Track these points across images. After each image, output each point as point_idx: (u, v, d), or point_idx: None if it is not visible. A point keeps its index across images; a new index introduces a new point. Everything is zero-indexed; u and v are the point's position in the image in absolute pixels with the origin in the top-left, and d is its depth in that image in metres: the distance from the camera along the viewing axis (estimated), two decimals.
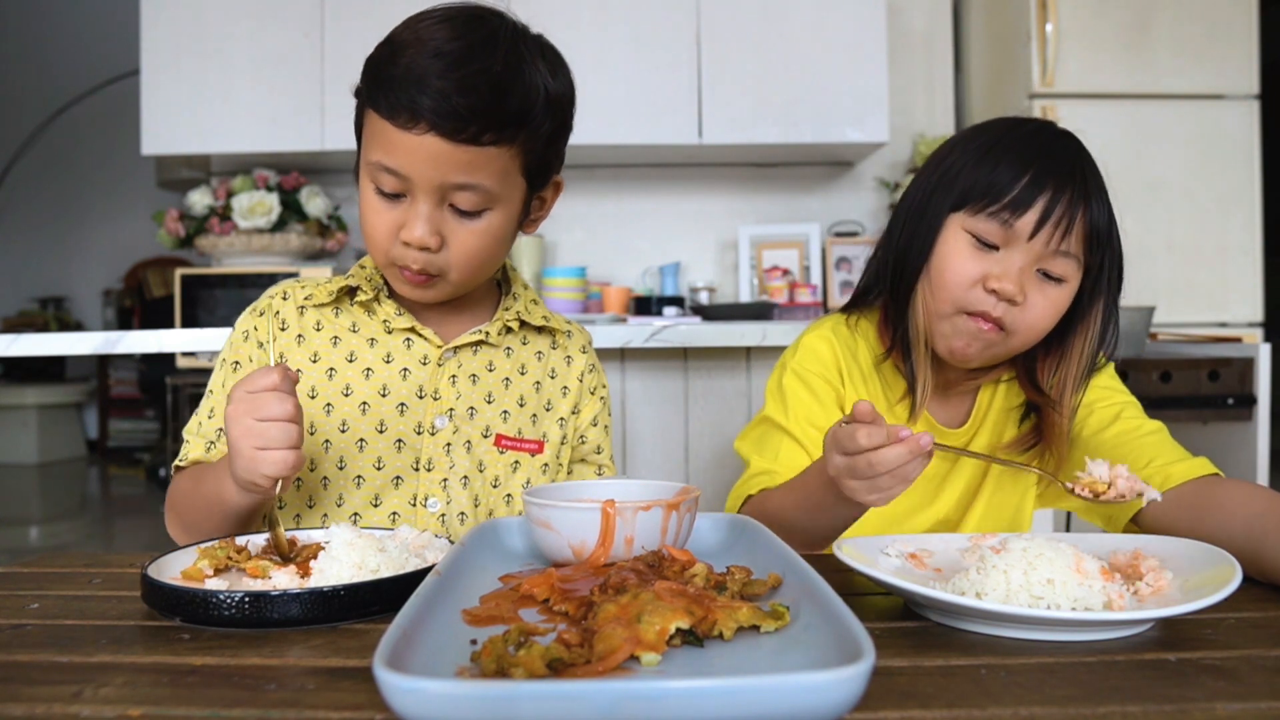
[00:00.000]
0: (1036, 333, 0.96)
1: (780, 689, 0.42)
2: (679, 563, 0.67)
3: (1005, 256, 0.94)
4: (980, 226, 0.95)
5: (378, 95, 0.88)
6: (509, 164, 0.91)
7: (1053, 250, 0.93)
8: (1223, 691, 0.50)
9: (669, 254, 3.04)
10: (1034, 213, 0.92)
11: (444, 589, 0.60)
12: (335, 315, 1.02)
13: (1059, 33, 2.74)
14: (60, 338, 2.08)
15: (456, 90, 0.85)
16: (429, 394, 1.00)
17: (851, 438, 0.76)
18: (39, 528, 4.34)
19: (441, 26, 0.89)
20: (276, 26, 2.70)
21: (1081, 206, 0.93)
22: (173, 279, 2.86)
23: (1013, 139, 0.96)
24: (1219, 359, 2.03)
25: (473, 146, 0.87)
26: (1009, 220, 0.93)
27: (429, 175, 0.88)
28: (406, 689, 0.41)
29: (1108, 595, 0.61)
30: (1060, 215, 0.92)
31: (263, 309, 1.03)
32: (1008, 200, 0.93)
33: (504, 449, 1.02)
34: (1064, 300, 0.96)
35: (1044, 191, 0.92)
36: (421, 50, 0.87)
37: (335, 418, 0.98)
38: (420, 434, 0.99)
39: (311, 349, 1.01)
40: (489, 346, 1.04)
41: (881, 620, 0.64)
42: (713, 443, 2.31)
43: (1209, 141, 2.78)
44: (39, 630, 0.63)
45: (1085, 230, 0.93)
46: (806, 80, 2.73)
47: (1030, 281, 0.94)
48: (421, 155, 0.87)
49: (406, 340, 1.01)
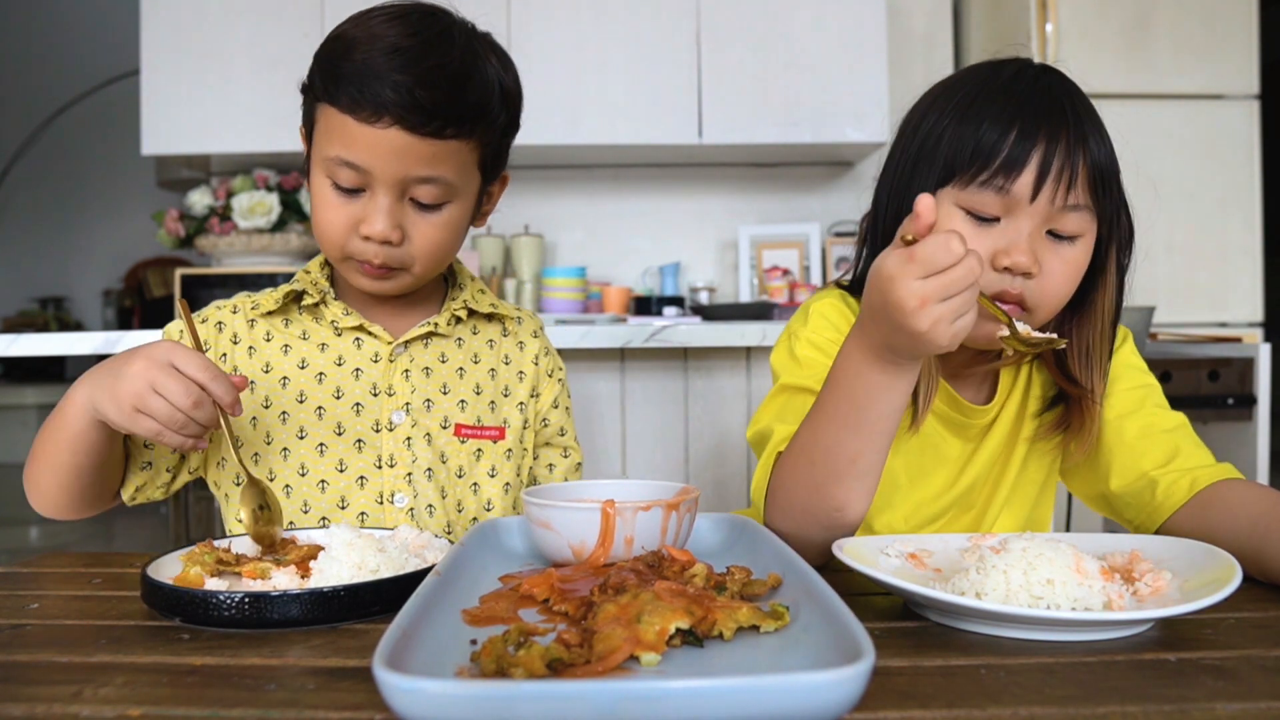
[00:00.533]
0: (1059, 301, 0.87)
1: (780, 689, 0.42)
2: (679, 563, 0.67)
3: (1009, 226, 0.84)
4: (975, 200, 0.85)
5: (335, 90, 0.88)
6: (468, 157, 0.93)
7: (1059, 207, 0.83)
8: (1223, 691, 0.50)
9: (669, 254, 3.03)
10: (1030, 171, 0.82)
11: (444, 589, 0.60)
12: (285, 325, 1.03)
13: (1059, 33, 2.74)
14: (60, 338, 2.08)
15: (418, 84, 0.86)
16: (383, 390, 1.00)
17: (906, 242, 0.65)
18: (39, 528, 4.34)
19: (394, 23, 0.90)
20: (276, 26, 2.70)
21: (1081, 151, 0.83)
22: (173, 279, 2.86)
23: (992, 89, 0.86)
24: (1219, 359, 2.03)
25: (436, 140, 0.89)
26: (1005, 186, 0.83)
27: (392, 168, 0.89)
28: (406, 689, 0.41)
29: (1108, 595, 0.61)
30: (1060, 166, 0.82)
31: (207, 318, 1.03)
32: (999, 163, 0.83)
33: (465, 438, 1.02)
34: (1082, 260, 0.87)
35: (1036, 144, 0.82)
36: (376, 46, 0.88)
37: (292, 425, 0.99)
38: (379, 431, 1.00)
39: (263, 360, 1.01)
40: (439, 338, 1.05)
41: (881, 620, 0.64)
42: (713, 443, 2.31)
43: (1209, 141, 2.78)
44: (39, 630, 0.63)
45: (1089, 175, 0.84)
46: (806, 80, 2.73)
47: (1042, 246, 0.84)
48: (384, 148, 0.88)
49: (356, 340, 1.02)
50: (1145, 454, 0.90)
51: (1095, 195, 0.85)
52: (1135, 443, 0.92)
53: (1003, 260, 0.84)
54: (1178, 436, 0.92)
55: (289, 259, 2.87)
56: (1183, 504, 0.85)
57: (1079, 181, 0.83)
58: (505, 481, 1.04)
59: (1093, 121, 0.86)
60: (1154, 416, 0.93)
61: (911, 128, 0.93)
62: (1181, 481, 0.86)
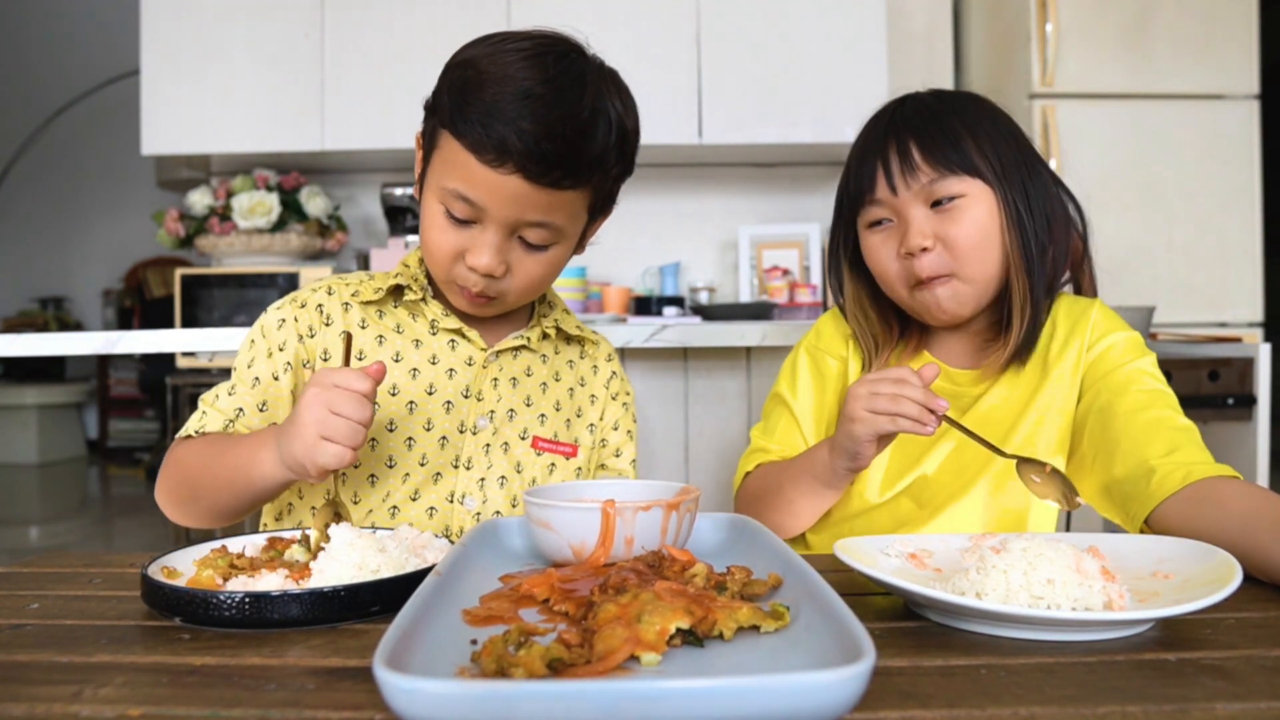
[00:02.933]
0: (975, 250, 0.99)
1: (780, 689, 0.42)
2: (679, 563, 0.67)
3: (899, 222, 1.02)
4: (868, 214, 1.05)
5: (462, 125, 0.88)
6: (579, 204, 0.94)
7: (921, 186, 0.99)
8: (1223, 691, 0.50)
9: (669, 254, 3.04)
10: (880, 175, 1.01)
11: (444, 589, 0.60)
12: (379, 316, 1.03)
13: (1059, 33, 2.74)
14: (60, 338, 2.08)
15: (545, 136, 0.86)
16: (473, 394, 1.02)
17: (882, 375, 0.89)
18: (39, 528, 4.34)
19: (529, 65, 0.89)
20: (276, 26, 2.70)
21: (910, 143, 1.00)
22: (173, 279, 2.86)
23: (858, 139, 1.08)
24: (1219, 359, 2.03)
25: (553, 190, 0.89)
26: (874, 196, 1.03)
27: (506, 211, 0.90)
28: (406, 689, 0.41)
29: (1108, 595, 0.61)
30: (898, 162, 1.00)
31: (307, 302, 1.02)
32: (865, 184, 1.04)
33: (541, 451, 1.05)
34: (975, 213, 0.99)
35: (875, 155, 1.03)
36: (508, 87, 0.87)
37: (383, 415, 0.99)
38: (463, 433, 1.02)
39: (357, 347, 1.01)
40: (528, 351, 1.07)
41: (881, 620, 0.64)
42: (713, 443, 2.31)
43: (1209, 141, 2.78)
44: (39, 630, 0.63)
45: (933, 158, 0.99)
46: (806, 80, 2.73)
47: (934, 221, 1.00)
48: (503, 193, 0.89)
49: (451, 341, 1.03)
50: (1150, 443, 0.93)
51: (950, 165, 0.99)
52: (1142, 432, 0.95)
53: (904, 249, 1.01)
54: (1184, 436, 0.94)
55: (289, 259, 2.87)
56: (1175, 492, 0.86)
57: (920, 162, 1.00)
58: None
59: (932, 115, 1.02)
60: (1165, 414, 0.97)
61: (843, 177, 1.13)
62: (1177, 473, 0.88)
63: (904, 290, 1.04)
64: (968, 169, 0.99)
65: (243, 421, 0.97)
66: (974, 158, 0.99)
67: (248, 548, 0.77)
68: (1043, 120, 2.71)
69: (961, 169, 0.99)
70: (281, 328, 1.01)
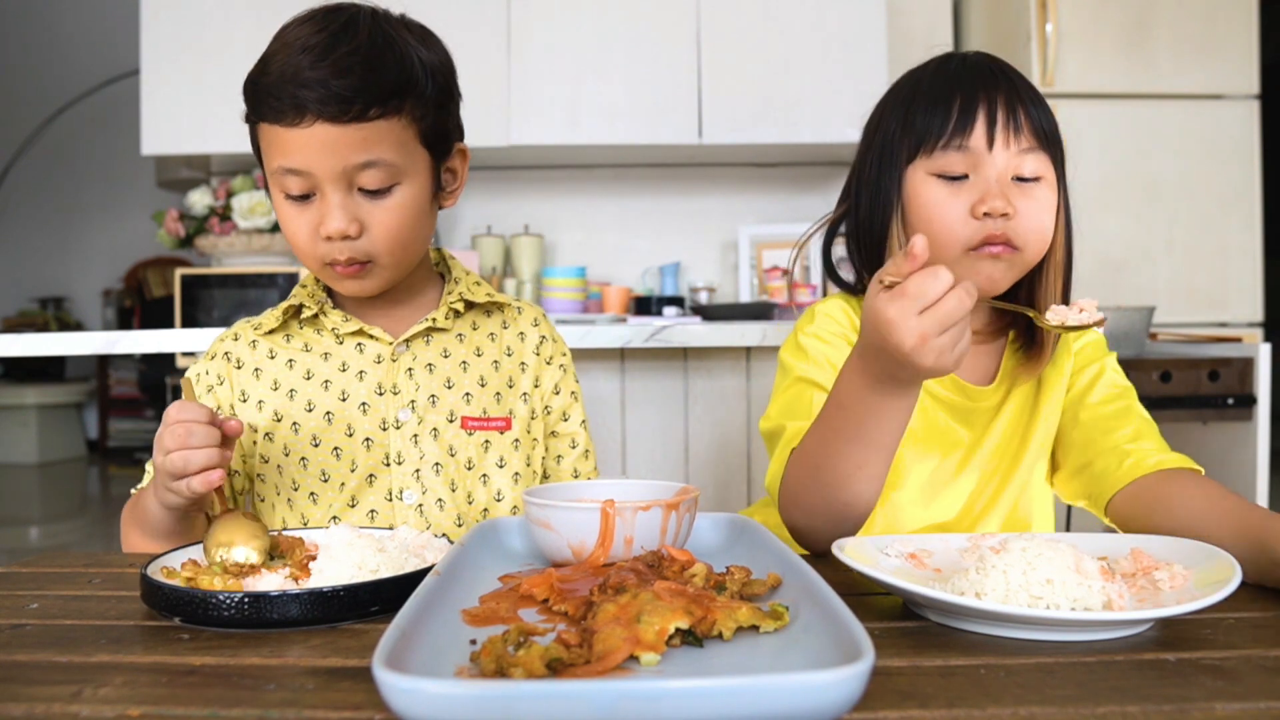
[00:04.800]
0: (1042, 235, 0.95)
1: (780, 689, 0.42)
2: (678, 563, 0.67)
3: (978, 179, 0.94)
4: (941, 163, 0.95)
5: (261, 106, 0.92)
6: (403, 134, 0.94)
7: (1017, 151, 0.94)
8: (1222, 691, 0.50)
9: (669, 254, 3.03)
10: (981, 124, 0.94)
11: (443, 589, 0.60)
12: (286, 341, 1.05)
13: (1059, 33, 2.74)
14: (60, 338, 2.08)
15: (332, 75, 0.88)
16: (387, 389, 1.02)
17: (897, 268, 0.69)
18: (39, 528, 4.34)
19: (303, 26, 0.93)
20: (276, 27, 2.70)
21: (1018, 102, 0.94)
22: (173, 279, 2.86)
23: (932, 80, 0.99)
24: (1219, 359, 2.03)
25: (361, 124, 0.90)
26: (963, 143, 0.94)
27: (329, 163, 0.91)
28: (406, 689, 0.41)
29: (1107, 595, 0.61)
30: (1005, 116, 0.94)
31: (216, 353, 1.06)
32: (953, 125, 0.94)
33: (472, 430, 1.04)
34: (1051, 198, 0.96)
35: (980, 103, 0.94)
36: (289, 51, 0.91)
37: (305, 434, 1.01)
38: (385, 430, 1.01)
39: (270, 378, 1.03)
40: (440, 333, 1.06)
41: (881, 620, 0.64)
42: (713, 443, 2.31)
43: (1209, 141, 2.78)
44: (38, 630, 0.63)
45: (1033, 124, 0.95)
46: (806, 80, 2.73)
47: (1013, 191, 0.94)
48: (315, 146, 0.90)
49: (358, 345, 1.04)
50: (1117, 429, 0.97)
51: (1046, 138, 0.95)
52: (1110, 420, 0.98)
53: (980, 208, 0.93)
54: (1138, 426, 0.97)
55: (289, 259, 2.86)
56: (1126, 484, 0.90)
57: (1024, 127, 0.94)
58: (514, 472, 1.05)
59: (1026, 85, 0.97)
60: (1130, 408, 1.00)
61: (872, 128, 1.05)
62: (1126, 462, 0.91)
63: (959, 251, 0.94)
64: (1052, 152, 0.96)
65: None
66: (1057, 143, 0.97)
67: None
68: None
69: (1049, 149, 0.96)
70: (198, 382, 1.05)
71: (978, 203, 0.93)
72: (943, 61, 1.01)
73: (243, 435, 0.92)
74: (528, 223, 2.99)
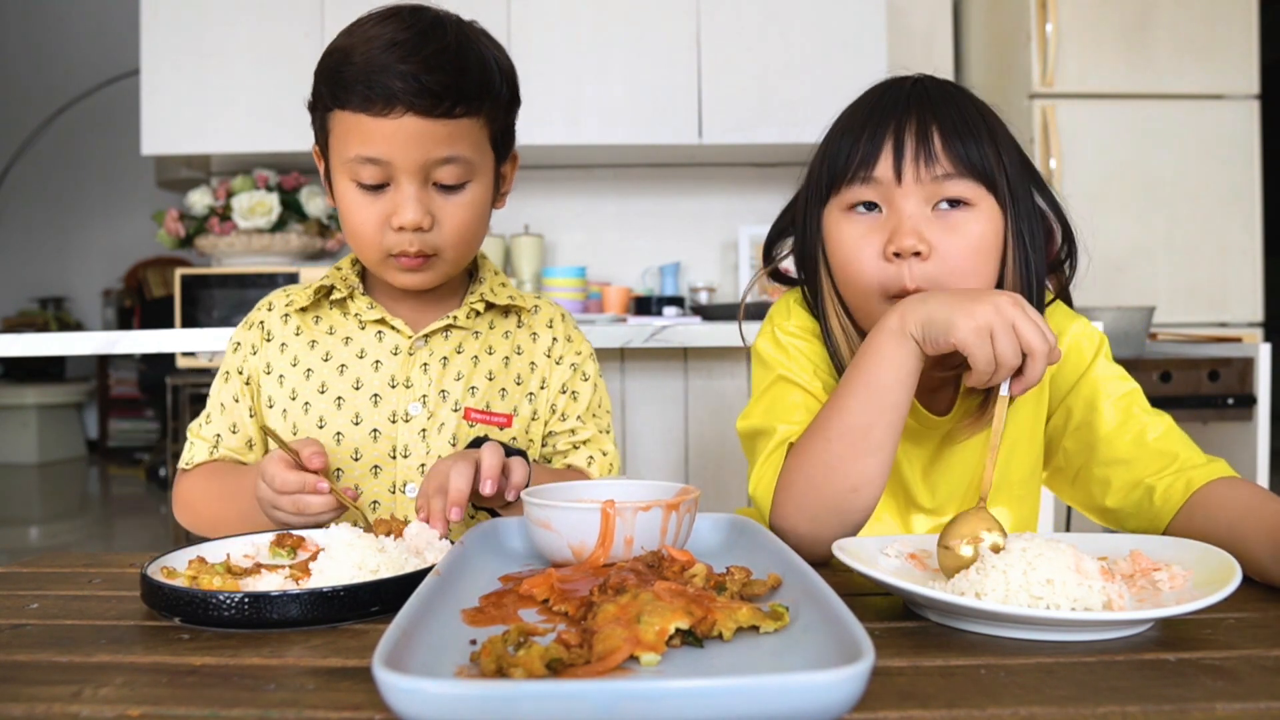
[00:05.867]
0: (966, 274, 0.86)
1: (780, 689, 0.42)
2: (679, 563, 0.67)
3: (891, 214, 0.87)
4: (850, 196, 0.89)
5: (345, 94, 0.93)
6: (479, 134, 0.97)
7: (930, 180, 0.85)
8: (1222, 691, 0.50)
9: (669, 254, 3.04)
10: (888, 154, 0.86)
11: (444, 589, 0.60)
12: (315, 322, 1.06)
13: (1059, 33, 2.74)
14: (60, 338, 2.08)
15: (424, 70, 0.90)
16: (400, 383, 1.03)
17: None
18: (39, 528, 4.34)
19: (386, 23, 0.94)
20: (276, 26, 2.70)
21: (933, 125, 0.86)
22: (173, 279, 2.86)
23: (853, 110, 0.93)
24: (1219, 359, 2.03)
25: (449, 120, 0.93)
26: (868, 175, 0.87)
27: (412, 155, 0.92)
28: (406, 689, 0.41)
29: (1107, 595, 0.61)
30: (915, 144, 0.85)
31: (253, 321, 1.08)
32: (859, 158, 0.87)
33: (473, 422, 1.04)
34: (980, 228, 0.86)
35: (887, 131, 0.87)
36: (375, 45, 0.92)
37: (313, 414, 1.03)
38: (395, 422, 1.02)
39: (292, 354, 1.05)
40: (458, 330, 1.07)
41: (881, 620, 0.64)
42: (713, 443, 2.31)
43: (1209, 141, 2.78)
44: (39, 630, 0.63)
45: (954, 153, 0.85)
46: (806, 80, 2.73)
47: (931, 225, 0.86)
48: (402, 137, 0.92)
49: (378, 333, 1.05)
50: (1139, 464, 0.89)
51: (971, 166, 0.86)
52: (1129, 456, 0.90)
53: (890, 247, 0.86)
54: (1167, 441, 0.90)
55: (289, 259, 2.87)
56: (1180, 506, 0.84)
57: (939, 152, 0.86)
58: None
59: (955, 105, 0.88)
60: (1142, 426, 0.91)
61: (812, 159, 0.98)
62: (1177, 484, 0.85)
63: (877, 299, 0.88)
64: (985, 175, 0.86)
65: (224, 445, 1.05)
66: (992, 163, 0.86)
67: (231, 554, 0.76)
68: (1043, 120, 2.71)
69: (980, 173, 0.86)
70: (236, 351, 1.08)
71: (888, 242, 0.86)
72: (874, 90, 0.94)
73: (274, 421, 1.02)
74: (528, 223, 2.99)
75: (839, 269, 0.91)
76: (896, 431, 0.81)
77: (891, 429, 0.81)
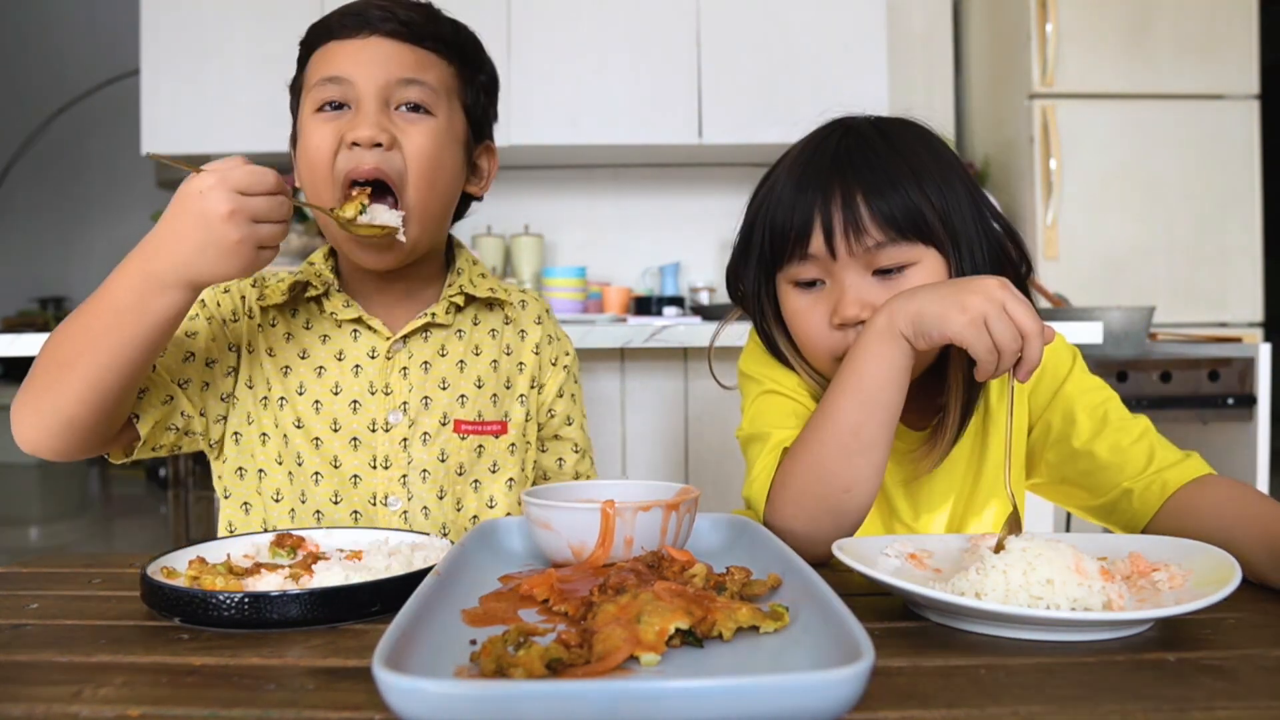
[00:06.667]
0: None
1: (780, 689, 0.42)
2: (679, 563, 0.67)
3: (833, 286, 0.88)
4: (795, 272, 0.90)
5: (322, 29, 0.97)
6: (449, 80, 0.98)
7: (862, 251, 0.85)
8: (1223, 691, 0.50)
9: (669, 254, 3.04)
10: (818, 234, 0.86)
11: (443, 589, 0.60)
12: (292, 315, 1.02)
13: (1059, 33, 2.74)
14: None
15: (400, 7, 0.95)
16: (379, 389, 0.99)
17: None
18: (39, 528, 4.34)
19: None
20: (276, 26, 2.70)
21: (858, 195, 0.85)
22: None
23: (785, 178, 0.91)
24: (1219, 359, 2.03)
25: (416, 46, 0.95)
26: (805, 253, 0.87)
27: (374, 73, 0.93)
28: (405, 689, 0.41)
29: (1107, 595, 0.61)
30: (841, 217, 0.85)
31: (229, 287, 1.02)
32: (792, 239, 0.88)
33: (465, 434, 1.01)
34: (924, 280, 0.86)
35: (815, 205, 0.87)
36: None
37: (288, 414, 0.98)
38: (374, 431, 0.98)
39: (268, 343, 1.00)
40: (439, 329, 1.02)
41: (881, 620, 0.64)
42: (713, 443, 2.31)
43: (1209, 141, 2.78)
44: (39, 630, 0.63)
45: (882, 218, 0.85)
46: (806, 80, 2.73)
47: (874, 289, 0.87)
48: (366, 54, 0.94)
49: (354, 332, 1.00)
50: (1119, 469, 0.89)
51: (901, 230, 0.85)
52: (1108, 462, 0.90)
53: (835, 320, 0.88)
54: (1144, 444, 0.90)
55: (289, 259, 2.86)
56: (1158, 509, 0.85)
57: (868, 224, 0.85)
58: (509, 477, 1.03)
59: (880, 159, 0.87)
60: (1119, 433, 0.92)
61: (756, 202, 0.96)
62: (1154, 486, 0.86)
63: (831, 363, 0.89)
64: (921, 235, 0.86)
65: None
66: (928, 219, 0.86)
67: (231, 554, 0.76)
68: (1043, 120, 2.71)
69: (914, 234, 0.86)
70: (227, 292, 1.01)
71: (833, 313, 0.87)
72: (805, 144, 0.93)
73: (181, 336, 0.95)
74: (528, 223, 2.99)
75: (793, 334, 0.94)
76: (889, 431, 0.82)
77: (883, 428, 0.81)
